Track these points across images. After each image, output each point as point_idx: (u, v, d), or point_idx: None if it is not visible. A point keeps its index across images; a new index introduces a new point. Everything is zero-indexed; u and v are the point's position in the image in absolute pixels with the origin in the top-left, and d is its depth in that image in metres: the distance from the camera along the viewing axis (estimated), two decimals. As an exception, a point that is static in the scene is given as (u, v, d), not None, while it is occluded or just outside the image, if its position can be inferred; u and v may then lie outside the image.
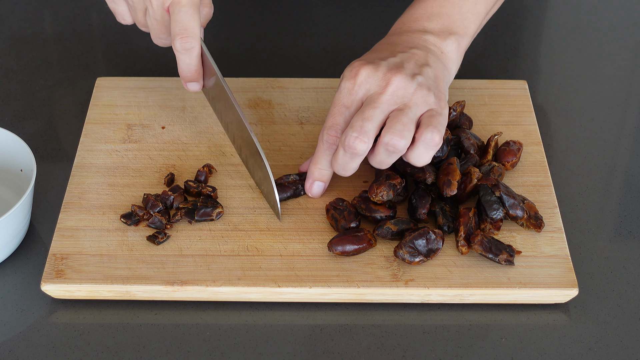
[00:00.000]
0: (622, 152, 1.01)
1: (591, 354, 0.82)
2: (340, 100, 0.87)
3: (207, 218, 0.89)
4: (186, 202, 0.90)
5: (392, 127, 0.84)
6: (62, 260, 0.86)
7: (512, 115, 1.01)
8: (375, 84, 0.86)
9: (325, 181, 0.90)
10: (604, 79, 1.10)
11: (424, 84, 0.86)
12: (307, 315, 0.85)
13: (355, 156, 0.85)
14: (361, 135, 0.84)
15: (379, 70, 0.86)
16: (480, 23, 0.95)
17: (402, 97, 0.85)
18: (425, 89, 0.85)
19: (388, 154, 0.85)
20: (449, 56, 0.91)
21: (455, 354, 0.82)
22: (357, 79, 0.86)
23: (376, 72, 0.86)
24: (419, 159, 0.85)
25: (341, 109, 0.87)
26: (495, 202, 0.87)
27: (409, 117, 0.84)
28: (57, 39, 1.15)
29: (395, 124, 0.84)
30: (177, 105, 1.02)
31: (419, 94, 0.85)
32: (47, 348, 0.82)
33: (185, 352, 0.82)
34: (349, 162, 0.86)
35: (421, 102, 0.85)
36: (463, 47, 0.93)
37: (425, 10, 0.92)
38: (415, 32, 0.91)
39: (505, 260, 0.85)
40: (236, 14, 1.19)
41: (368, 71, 0.86)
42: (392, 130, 0.84)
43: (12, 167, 0.92)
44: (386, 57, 0.87)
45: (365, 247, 0.86)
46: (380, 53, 0.89)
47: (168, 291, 0.85)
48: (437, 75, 0.88)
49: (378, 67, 0.86)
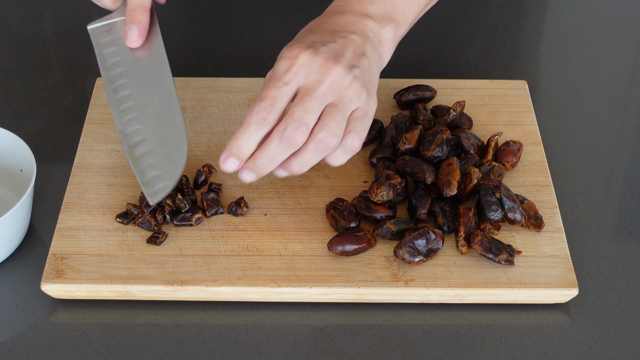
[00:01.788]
0: (622, 152, 1.01)
1: (591, 354, 0.82)
2: (277, 75, 0.83)
3: (186, 223, 0.89)
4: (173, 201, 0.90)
5: (327, 125, 0.81)
6: (62, 260, 0.86)
7: (512, 115, 1.01)
8: (314, 71, 0.83)
9: (242, 160, 0.83)
10: (604, 79, 1.10)
11: (359, 78, 0.84)
12: (307, 315, 0.85)
13: (289, 147, 0.82)
14: (302, 127, 0.81)
15: (319, 56, 0.83)
16: (419, 13, 0.92)
17: (339, 90, 0.83)
18: (360, 83, 0.83)
19: (316, 152, 0.82)
20: (385, 44, 0.88)
21: (455, 354, 0.82)
22: (297, 60, 0.83)
23: (316, 57, 0.83)
24: (336, 161, 0.84)
25: (278, 83, 0.82)
26: (495, 203, 0.87)
27: (342, 115, 0.82)
28: (57, 39, 1.15)
29: (330, 122, 0.81)
30: (177, 105, 1.02)
31: (353, 88, 0.83)
32: (47, 348, 0.82)
33: (185, 352, 0.82)
34: (281, 154, 0.82)
35: (354, 98, 0.83)
36: (399, 36, 0.90)
37: None
38: (357, 14, 0.88)
39: (505, 260, 0.85)
40: (236, 14, 1.19)
41: (309, 55, 0.83)
42: (327, 127, 0.81)
43: (12, 167, 0.92)
44: (326, 42, 0.85)
45: (365, 247, 0.86)
46: (319, 35, 0.86)
47: (168, 291, 0.85)
48: (372, 66, 0.86)
49: (318, 52, 0.83)
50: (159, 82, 0.89)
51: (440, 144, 0.92)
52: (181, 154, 0.84)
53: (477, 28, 1.18)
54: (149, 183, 0.84)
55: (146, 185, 0.84)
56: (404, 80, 1.04)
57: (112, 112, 0.87)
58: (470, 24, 1.19)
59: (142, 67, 0.90)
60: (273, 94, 0.82)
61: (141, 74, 0.90)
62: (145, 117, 0.87)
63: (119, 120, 0.87)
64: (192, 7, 1.21)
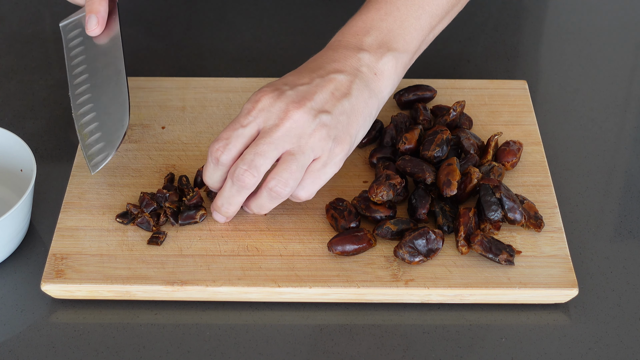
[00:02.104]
0: (622, 152, 1.01)
1: (591, 354, 0.82)
2: (237, 119, 0.84)
3: (191, 221, 0.89)
4: (173, 202, 0.90)
5: (279, 174, 0.82)
6: (62, 260, 0.86)
7: (512, 115, 1.01)
8: (274, 115, 0.83)
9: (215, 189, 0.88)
10: (604, 79, 1.10)
11: (327, 124, 0.83)
12: (307, 315, 0.85)
13: (243, 189, 0.83)
14: (251, 169, 0.82)
15: (281, 100, 0.83)
16: (424, 39, 0.91)
17: (299, 136, 0.82)
18: (326, 130, 0.83)
19: (270, 198, 0.84)
20: (383, 76, 0.87)
21: (455, 354, 0.82)
22: (257, 104, 0.83)
23: (278, 101, 0.83)
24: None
25: (236, 125, 0.83)
26: (495, 203, 0.87)
27: (298, 165, 0.82)
28: (57, 39, 1.15)
29: (283, 171, 0.82)
30: (177, 105, 1.02)
31: (317, 136, 0.82)
32: (47, 348, 0.82)
33: (185, 352, 0.82)
34: (236, 196, 0.84)
35: (317, 147, 0.83)
36: (402, 65, 0.89)
37: (365, 24, 0.89)
38: (351, 48, 0.87)
39: (505, 260, 0.85)
40: (236, 14, 1.19)
41: (270, 100, 0.83)
42: (279, 177, 0.82)
43: (12, 167, 0.92)
44: (296, 84, 0.84)
45: (365, 247, 0.86)
46: (297, 75, 0.86)
47: (168, 291, 0.85)
48: (355, 108, 0.85)
49: (281, 96, 0.83)
50: (111, 64, 0.94)
51: (440, 144, 0.92)
52: (122, 124, 0.89)
53: (477, 28, 1.18)
54: (92, 155, 0.89)
55: (90, 157, 0.89)
56: (404, 80, 1.04)
57: (70, 96, 0.93)
58: (470, 24, 1.19)
59: (99, 53, 0.96)
60: (228, 135, 0.83)
61: (98, 58, 0.95)
62: (96, 96, 0.92)
63: (74, 103, 0.92)
64: (192, 7, 1.21)
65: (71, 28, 0.99)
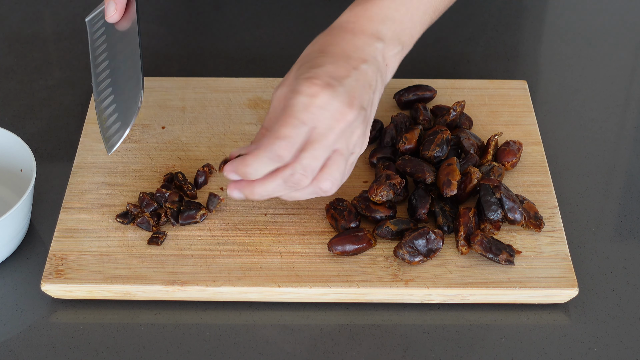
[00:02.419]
0: (622, 152, 1.01)
1: (591, 353, 0.82)
2: (294, 113, 0.81)
3: (192, 221, 0.89)
4: (173, 203, 0.90)
5: (332, 175, 0.82)
6: (62, 260, 0.86)
7: (512, 115, 1.01)
8: (330, 116, 0.81)
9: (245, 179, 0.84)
10: (604, 79, 1.10)
11: (365, 120, 0.83)
12: (307, 315, 0.85)
13: (292, 190, 0.83)
14: (307, 173, 0.81)
15: (337, 98, 0.82)
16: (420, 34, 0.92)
17: (348, 136, 0.82)
18: (364, 127, 0.83)
19: (314, 194, 0.83)
20: (390, 68, 0.87)
21: (455, 354, 0.82)
22: (316, 100, 0.81)
23: (334, 100, 0.81)
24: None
25: (296, 122, 0.81)
26: (495, 203, 0.87)
27: (346, 163, 0.83)
28: (57, 39, 1.15)
29: (335, 172, 0.82)
30: (177, 105, 1.02)
31: (359, 133, 0.83)
32: (47, 348, 0.82)
33: (185, 352, 0.82)
34: (279, 192, 0.83)
35: (358, 144, 0.83)
36: (401, 58, 0.89)
37: (381, 11, 0.87)
38: (369, 35, 0.86)
39: (505, 260, 0.85)
40: (236, 14, 1.19)
41: (327, 97, 0.81)
42: (332, 178, 0.82)
43: (12, 167, 0.92)
44: (342, 78, 0.83)
45: (365, 247, 0.86)
46: (333, 63, 0.84)
47: (168, 291, 0.85)
48: (375, 100, 0.85)
49: (336, 93, 0.82)
50: (128, 46, 0.95)
51: (440, 144, 0.92)
52: (136, 101, 0.89)
53: (477, 28, 1.18)
54: (109, 137, 0.89)
55: (107, 139, 0.89)
56: (404, 80, 1.04)
57: (93, 85, 0.93)
58: (470, 24, 1.19)
59: (118, 39, 0.96)
60: (291, 133, 0.81)
61: (117, 45, 0.95)
62: (114, 81, 0.92)
63: (95, 90, 0.92)
64: (192, 7, 1.21)
65: (96, 21, 0.99)
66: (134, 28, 0.95)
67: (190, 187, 0.91)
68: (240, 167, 0.82)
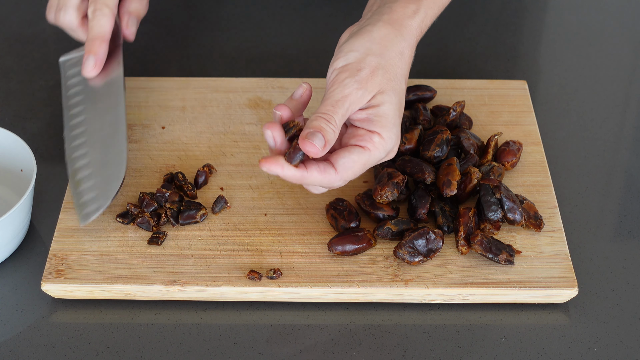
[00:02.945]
0: (622, 152, 1.01)
1: (591, 353, 0.82)
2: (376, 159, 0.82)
3: (192, 220, 0.89)
4: (173, 203, 0.90)
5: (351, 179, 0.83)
6: (62, 260, 0.86)
7: (512, 115, 1.01)
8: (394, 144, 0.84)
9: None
10: (604, 79, 1.10)
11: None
12: (307, 315, 0.85)
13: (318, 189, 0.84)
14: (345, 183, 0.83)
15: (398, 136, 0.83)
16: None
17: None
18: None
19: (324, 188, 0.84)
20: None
21: (455, 354, 0.82)
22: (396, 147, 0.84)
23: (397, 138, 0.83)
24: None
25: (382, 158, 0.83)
26: (495, 203, 0.87)
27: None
28: (57, 39, 1.15)
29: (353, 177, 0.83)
30: (177, 105, 1.02)
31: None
32: (47, 348, 0.82)
33: (185, 352, 0.82)
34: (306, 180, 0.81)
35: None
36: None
37: (417, 6, 0.87)
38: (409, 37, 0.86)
39: (505, 260, 0.85)
40: (236, 14, 1.19)
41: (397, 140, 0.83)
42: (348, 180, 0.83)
43: (12, 167, 0.92)
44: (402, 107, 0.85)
45: (365, 247, 0.86)
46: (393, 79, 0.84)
47: (168, 291, 0.85)
48: None
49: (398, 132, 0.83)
50: (111, 109, 0.92)
51: (440, 144, 0.92)
52: (118, 177, 0.86)
53: (477, 28, 1.18)
54: (84, 204, 0.85)
55: (80, 207, 0.85)
56: (404, 80, 1.04)
57: (65, 137, 0.90)
58: (470, 24, 1.19)
59: (99, 96, 0.93)
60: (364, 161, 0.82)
61: (97, 102, 0.93)
62: (92, 142, 0.89)
63: (68, 145, 0.90)
64: (192, 7, 1.21)
65: (71, 65, 0.97)
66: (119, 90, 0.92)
67: (190, 187, 0.92)
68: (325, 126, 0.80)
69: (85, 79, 0.96)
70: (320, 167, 0.80)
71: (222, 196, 0.91)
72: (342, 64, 0.83)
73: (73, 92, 0.94)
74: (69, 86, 0.95)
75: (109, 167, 0.86)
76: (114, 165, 0.87)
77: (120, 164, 0.86)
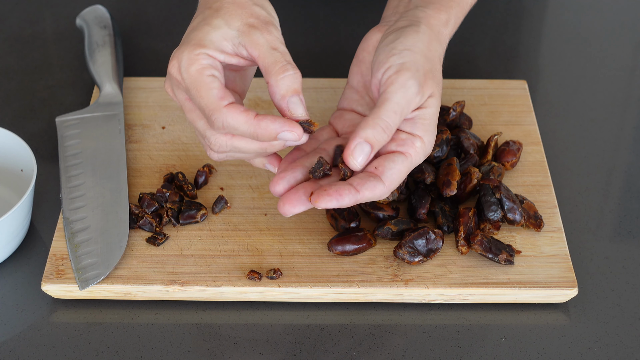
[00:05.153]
0: (622, 152, 1.01)
1: (591, 353, 0.82)
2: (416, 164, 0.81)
3: (192, 220, 0.89)
4: (174, 203, 0.90)
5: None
6: (63, 260, 0.86)
7: (512, 115, 1.01)
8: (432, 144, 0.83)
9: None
10: (604, 79, 1.10)
11: None
12: (307, 315, 0.85)
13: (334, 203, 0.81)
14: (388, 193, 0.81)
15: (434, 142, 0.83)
16: None
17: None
18: None
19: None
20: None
21: (455, 354, 0.82)
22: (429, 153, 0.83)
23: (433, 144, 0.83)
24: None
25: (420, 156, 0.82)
26: (495, 203, 0.87)
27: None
28: (57, 39, 1.15)
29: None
30: (177, 105, 1.02)
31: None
32: (47, 348, 0.82)
33: (185, 352, 0.82)
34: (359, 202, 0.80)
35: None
36: None
37: (449, 15, 0.87)
38: (443, 41, 0.86)
39: (505, 260, 0.85)
40: (236, 14, 1.19)
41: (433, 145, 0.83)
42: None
43: (12, 167, 0.92)
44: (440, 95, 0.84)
45: (365, 247, 0.86)
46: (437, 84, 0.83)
47: (168, 291, 0.85)
48: None
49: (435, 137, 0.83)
50: (114, 176, 0.92)
51: (440, 144, 0.92)
52: (121, 245, 0.86)
53: (477, 28, 1.18)
54: (83, 269, 0.85)
55: (79, 271, 0.85)
56: (404, 80, 1.04)
57: (62, 198, 0.90)
58: (470, 24, 1.19)
59: (101, 162, 0.93)
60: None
61: (98, 167, 0.93)
62: (92, 207, 0.89)
63: (66, 207, 0.89)
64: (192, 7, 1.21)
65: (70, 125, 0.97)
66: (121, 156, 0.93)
67: (191, 187, 0.92)
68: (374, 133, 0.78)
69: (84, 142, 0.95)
70: (369, 185, 0.78)
71: (222, 196, 0.91)
72: (399, 61, 0.81)
73: (72, 154, 0.94)
74: (67, 147, 0.95)
75: (110, 235, 0.87)
76: (116, 233, 0.87)
77: (123, 233, 0.87)
